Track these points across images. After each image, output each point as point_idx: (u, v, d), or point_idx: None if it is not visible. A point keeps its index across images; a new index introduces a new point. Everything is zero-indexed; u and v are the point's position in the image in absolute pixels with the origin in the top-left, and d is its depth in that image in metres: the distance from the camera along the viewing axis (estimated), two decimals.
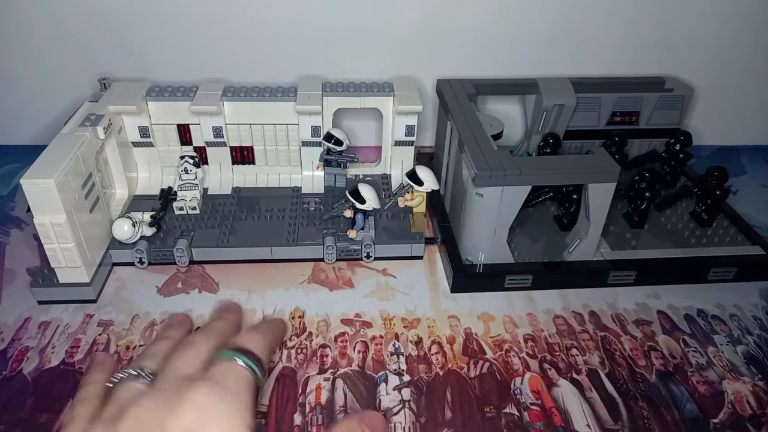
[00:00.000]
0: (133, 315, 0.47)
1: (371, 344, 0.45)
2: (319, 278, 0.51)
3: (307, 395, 0.41)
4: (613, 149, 0.59)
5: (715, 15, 0.64)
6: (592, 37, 0.64)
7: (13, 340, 0.44)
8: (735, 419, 0.40)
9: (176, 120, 0.56)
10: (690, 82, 0.64)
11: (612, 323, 0.48)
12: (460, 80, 0.61)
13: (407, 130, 0.57)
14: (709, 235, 0.55)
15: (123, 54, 0.62)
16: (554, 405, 0.41)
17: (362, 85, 0.57)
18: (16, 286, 0.49)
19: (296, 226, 0.53)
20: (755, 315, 0.49)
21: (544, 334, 0.46)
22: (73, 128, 0.48)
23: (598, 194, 0.47)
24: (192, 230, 0.52)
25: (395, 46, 0.64)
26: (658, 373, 0.43)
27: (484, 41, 0.64)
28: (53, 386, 0.41)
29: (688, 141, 0.61)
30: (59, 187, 0.41)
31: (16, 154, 0.66)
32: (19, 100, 0.65)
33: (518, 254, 0.51)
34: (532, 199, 0.56)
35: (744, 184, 0.66)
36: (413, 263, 0.53)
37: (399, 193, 0.55)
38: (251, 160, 0.58)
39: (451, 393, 0.41)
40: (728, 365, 0.44)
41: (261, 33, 0.62)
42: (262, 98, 0.55)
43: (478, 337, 0.46)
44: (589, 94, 0.61)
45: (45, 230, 0.43)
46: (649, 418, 0.40)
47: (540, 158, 0.58)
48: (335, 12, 0.61)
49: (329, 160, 0.58)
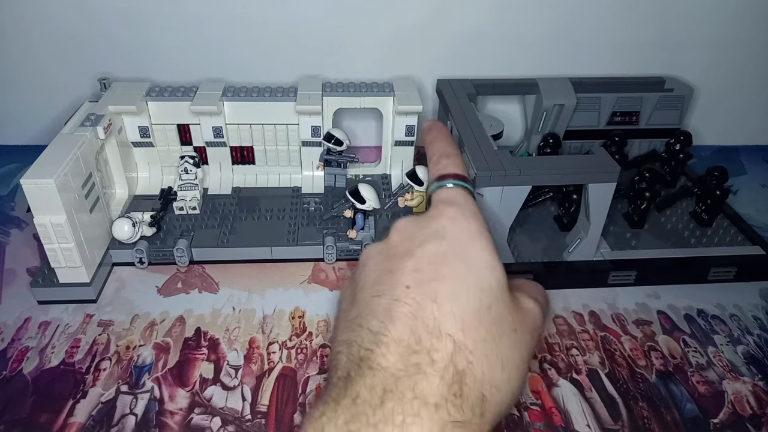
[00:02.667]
0: (133, 315, 0.47)
1: None
2: (320, 278, 0.51)
3: (307, 395, 0.41)
4: (613, 149, 0.59)
5: (716, 15, 0.64)
6: (592, 37, 0.64)
7: (13, 340, 0.44)
8: (735, 419, 0.40)
9: (176, 120, 0.56)
10: (690, 82, 0.64)
11: (612, 323, 0.48)
12: (460, 80, 0.61)
13: (407, 130, 0.57)
14: (709, 235, 0.55)
15: (123, 54, 0.62)
16: (554, 405, 0.41)
17: (362, 85, 0.57)
18: (16, 286, 0.49)
19: (296, 226, 0.53)
20: (755, 315, 0.49)
21: (544, 334, 0.46)
22: (73, 128, 0.48)
23: (598, 194, 0.47)
24: (192, 230, 0.52)
25: (395, 46, 0.64)
26: (658, 373, 0.43)
27: (484, 41, 0.64)
28: (53, 386, 0.41)
29: (688, 141, 0.61)
30: (59, 187, 0.41)
31: (16, 154, 0.66)
32: (19, 100, 0.65)
33: (518, 254, 0.51)
34: (532, 199, 0.56)
35: (744, 184, 0.66)
36: None
37: (399, 193, 0.55)
38: (251, 160, 0.58)
39: None
40: (728, 365, 0.44)
41: (261, 33, 0.62)
42: (262, 98, 0.55)
43: None
44: (589, 94, 0.61)
45: (45, 230, 0.43)
46: (649, 418, 0.40)
47: (540, 158, 0.58)
48: (335, 12, 0.61)
49: (329, 160, 0.58)
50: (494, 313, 0.29)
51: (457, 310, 0.28)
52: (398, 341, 0.27)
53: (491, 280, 0.30)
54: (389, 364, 0.26)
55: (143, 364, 0.42)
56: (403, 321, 0.27)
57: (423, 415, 0.24)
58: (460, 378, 0.26)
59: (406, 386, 0.25)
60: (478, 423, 0.26)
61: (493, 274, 0.30)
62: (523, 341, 0.30)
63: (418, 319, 0.27)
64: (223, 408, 0.39)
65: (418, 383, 0.25)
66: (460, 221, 0.32)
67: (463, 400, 0.25)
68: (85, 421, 0.38)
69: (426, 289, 0.28)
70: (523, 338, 0.30)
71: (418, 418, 0.24)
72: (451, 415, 0.25)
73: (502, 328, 0.29)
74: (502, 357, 0.28)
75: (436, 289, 0.28)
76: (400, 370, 0.26)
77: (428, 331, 0.27)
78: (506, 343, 0.28)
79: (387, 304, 0.28)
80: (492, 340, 0.28)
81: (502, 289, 0.30)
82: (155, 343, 0.44)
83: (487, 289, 0.29)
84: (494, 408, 0.27)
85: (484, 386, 0.26)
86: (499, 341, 0.28)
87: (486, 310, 0.28)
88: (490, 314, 0.29)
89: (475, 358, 0.27)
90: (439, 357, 0.26)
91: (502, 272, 0.31)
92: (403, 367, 0.26)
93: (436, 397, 0.25)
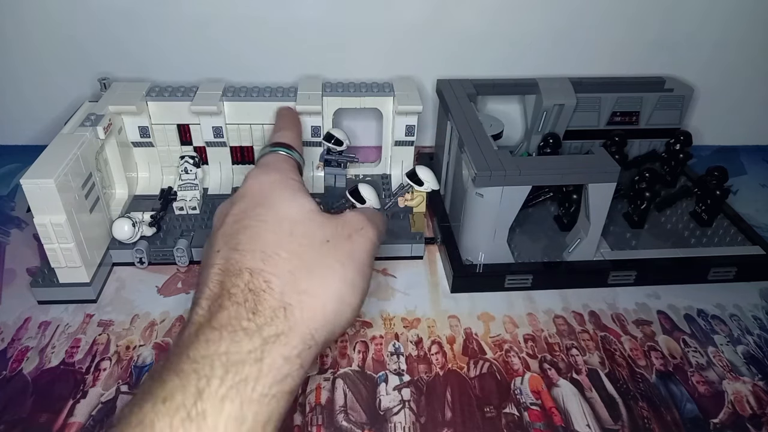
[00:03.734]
0: (133, 315, 0.47)
1: (371, 344, 0.45)
2: None
3: (307, 395, 0.41)
4: (613, 149, 0.59)
5: (716, 15, 0.64)
6: (592, 37, 0.64)
7: (13, 340, 0.44)
8: (735, 419, 0.40)
9: (176, 120, 0.55)
10: (690, 82, 0.64)
11: (612, 323, 0.48)
12: (460, 80, 0.61)
13: (407, 130, 0.57)
14: (709, 235, 0.55)
15: (123, 54, 0.62)
16: (554, 405, 0.41)
17: (362, 85, 0.57)
18: (16, 286, 0.49)
19: None
20: (755, 315, 0.49)
21: (544, 334, 0.46)
22: (73, 128, 0.48)
23: (598, 194, 0.47)
24: (192, 230, 0.52)
25: (395, 46, 0.64)
26: (658, 373, 0.43)
27: (484, 41, 0.64)
28: (53, 386, 0.41)
29: (688, 141, 0.61)
30: (59, 187, 0.41)
31: (16, 154, 0.66)
32: (19, 100, 0.65)
33: (518, 254, 0.51)
34: (532, 199, 0.56)
35: (744, 184, 0.66)
36: (413, 263, 0.53)
37: (399, 193, 0.55)
38: (251, 160, 0.58)
39: (451, 393, 0.41)
40: (728, 365, 0.44)
41: (261, 33, 0.62)
42: (262, 98, 0.55)
43: (478, 337, 0.46)
44: (589, 94, 0.61)
45: (45, 230, 0.43)
46: (649, 418, 0.40)
47: (540, 158, 0.58)
48: (335, 12, 0.61)
49: (329, 160, 0.58)
50: (298, 234, 0.33)
51: (257, 247, 0.32)
52: (209, 297, 0.30)
53: (289, 210, 0.34)
54: (199, 318, 0.29)
55: (143, 364, 0.42)
56: (214, 280, 0.31)
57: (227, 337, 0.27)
58: (255, 297, 0.29)
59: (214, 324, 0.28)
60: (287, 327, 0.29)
61: (292, 205, 0.34)
62: (337, 246, 0.34)
63: (225, 272, 0.31)
64: None
65: (219, 318, 0.28)
66: (260, 176, 0.37)
67: (257, 315, 0.28)
68: (85, 421, 0.38)
69: (231, 245, 0.32)
70: (337, 244, 0.34)
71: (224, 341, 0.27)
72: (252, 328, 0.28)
73: (310, 243, 0.33)
74: (310, 264, 0.32)
75: (238, 239, 0.32)
76: (203, 316, 0.29)
77: (232, 276, 0.30)
78: (314, 253, 0.32)
79: (205, 275, 0.32)
80: (296, 256, 0.32)
81: (306, 214, 0.34)
82: (155, 343, 0.44)
83: (286, 218, 0.33)
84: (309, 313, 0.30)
85: (287, 296, 0.30)
86: (305, 254, 0.32)
87: (288, 236, 0.32)
88: (293, 237, 0.33)
89: (274, 277, 0.30)
90: (236, 290, 0.29)
91: (304, 202, 0.35)
92: (207, 313, 0.29)
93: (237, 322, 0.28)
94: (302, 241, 0.33)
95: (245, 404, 0.26)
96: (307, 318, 0.30)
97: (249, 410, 0.26)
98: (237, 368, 0.26)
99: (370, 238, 0.36)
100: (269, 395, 0.27)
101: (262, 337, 0.28)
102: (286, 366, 0.28)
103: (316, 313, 0.30)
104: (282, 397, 0.27)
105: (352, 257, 0.34)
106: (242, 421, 0.25)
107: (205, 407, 0.25)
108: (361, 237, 0.35)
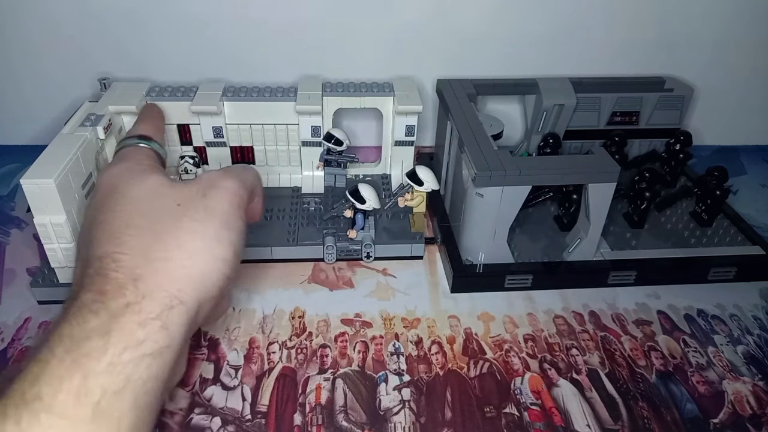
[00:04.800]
0: None
1: (371, 344, 0.45)
2: (319, 278, 0.51)
3: (307, 395, 0.41)
4: (613, 149, 0.59)
5: (716, 15, 0.64)
6: (592, 37, 0.64)
7: (13, 340, 0.44)
8: (735, 419, 0.40)
9: (176, 120, 0.55)
10: (690, 82, 0.64)
11: (612, 323, 0.48)
12: (460, 80, 0.61)
13: (407, 130, 0.57)
14: (709, 235, 0.55)
15: (123, 54, 0.62)
16: (554, 405, 0.41)
17: (362, 85, 0.57)
18: (16, 286, 0.49)
19: (296, 226, 0.53)
20: (755, 315, 0.49)
21: (544, 334, 0.46)
22: (73, 128, 0.48)
23: (598, 194, 0.47)
24: None
25: (395, 46, 0.64)
26: (658, 373, 0.43)
27: (484, 41, 0.64)
28: None
29: (688, 141, 0.61)
30: (59, 187, 0.41)
31: (16, 154, 0.66)
32: (19, 100, 0.65)
33: (518, 254, 0.51)
34: (532, 199, 0.56)
35: (744, 184, 0.66)
36: (413, 263, 0.53)
37: (399, 193, 0.55)
38: (251, 160, 0.58)
39: (451, 393, 0.41)
40: (728, 365, 0.44)
41: (261, 33, 0.62)
42: (262, 98, 0.55)
43: (478, 337, 0.46)
44: (589, 94, 0.61)
45: (45, 230, 0.43)
46: (649, 418, 0.40)
47: (540, 158, 0.58)
48: (335, 12, 0.61)
49: (329, 160, 0.58)
50: (145, 209, 0.34)
51: (108, 236, 0.32)
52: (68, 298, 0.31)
53: (138, 191, 0.35)
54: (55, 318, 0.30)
55: None
56: (75, 282, 0.32)
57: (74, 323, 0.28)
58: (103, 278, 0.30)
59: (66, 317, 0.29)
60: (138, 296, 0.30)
61: (141, 186, 0.35)
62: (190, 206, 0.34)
63: (82, 270, 0.32)
64: (223, 408, 0.39)
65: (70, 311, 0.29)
66: (111, 169, 0.38)
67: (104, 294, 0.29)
68: None
69: (86, 241, 0.34)
70: (190, 204, 0.34)
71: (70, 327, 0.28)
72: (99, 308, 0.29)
73: (159, 213, 0.34)
74: (161, 233, 0.32)
75: (92, 236, 0.33)
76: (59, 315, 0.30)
77: (87, 269, 0.31)
78: (167, 220, 0.33)
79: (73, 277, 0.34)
80: (146, 230, 0.32)
81: (153, 189, 0.35)
82: None
83: (134, 198, 0.34)
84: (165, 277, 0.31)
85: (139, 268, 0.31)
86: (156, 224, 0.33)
87: (136, 214, 0.33)
88: (141, 213, 0.33)
89: (124, 255, 0.31)
90: (88, 280, 0.30)
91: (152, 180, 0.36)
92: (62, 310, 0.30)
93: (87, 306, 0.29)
94: (151, 213, 0.33)
95: (90, 377, 0.26)
96: (164, 282, 0.31)
97: (95, 382, 0.26)
98: (79, 345, 0.27)
99: (228, 188, 0.36)
100: (121, 363, 0.27)
101: (109, 312, 0.29)
102: (141, 331, 0.29)
103: (176, 275, 0.31)
104: (141, 360, 0.28)
105: (210, 212, 0.34)
106: (86, 392, 0.26)
107: (40, 389, 0.26)
108: (217, 190, 0.36)
